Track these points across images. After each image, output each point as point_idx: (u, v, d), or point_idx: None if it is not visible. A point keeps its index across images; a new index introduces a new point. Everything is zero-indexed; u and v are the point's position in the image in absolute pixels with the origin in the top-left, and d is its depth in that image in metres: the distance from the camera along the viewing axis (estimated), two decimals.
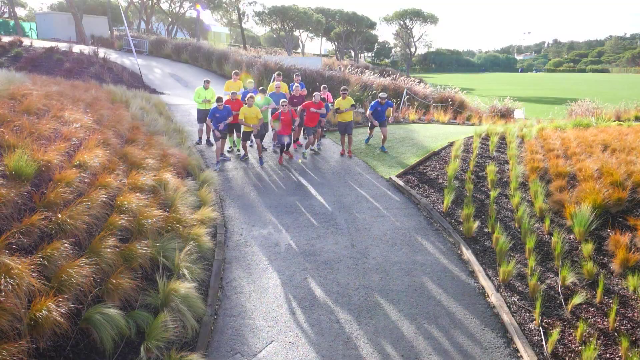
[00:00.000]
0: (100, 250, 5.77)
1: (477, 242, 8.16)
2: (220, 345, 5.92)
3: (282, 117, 11.47)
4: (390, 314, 6.43)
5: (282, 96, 12.89)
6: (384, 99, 12.36)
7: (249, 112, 11.51)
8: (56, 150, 7.09)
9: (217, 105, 11.30)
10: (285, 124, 11.53)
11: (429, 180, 10.57)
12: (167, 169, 8.82)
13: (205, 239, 7.40)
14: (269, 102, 12.54)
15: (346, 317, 6.38)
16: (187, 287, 6.16)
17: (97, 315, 5.04)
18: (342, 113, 12.49)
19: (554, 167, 9.97)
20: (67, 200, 6.25)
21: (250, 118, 11.54)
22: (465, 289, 7.02)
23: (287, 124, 11.53)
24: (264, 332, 6.15)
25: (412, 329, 6.17)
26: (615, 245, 7.36)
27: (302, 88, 13.43)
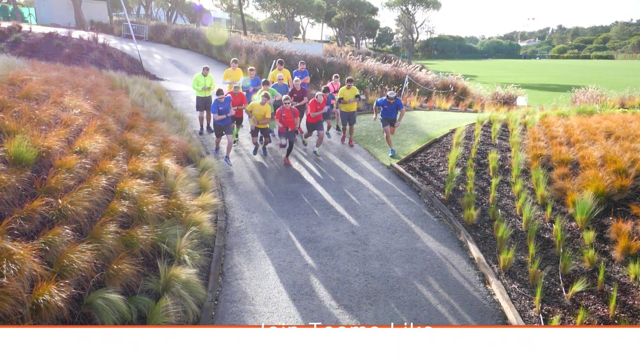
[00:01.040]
0: (101, 236, 5.78)
1: (477, 229, 8.16)
2: None
3: (284, 114, 10.60)
4: (390, 300, 6.45)
5: (285, 89, 12.29)
6: (392, 99, 10.98)
7: (259, 110, 10.77)
8: (56, 136, 7.07)
9: (218, 98, 10.54)
10: (287, 123, 10.71)
11: (430, 167, 10.54)
12: (168, 156, 8.81)
13: (206, 225, 7.41)
14: (274, 93, 11.85)
15: (346, 304, 6.40)
16: (188, 273, 6.18)
17: (98, 300, 5.06)
18: (345, 103, 11.98)
19: (556, 154, 9.93)
20: (67, 186, 6.24)
21: (258, 115, 10.80)
22: (465, 276, 7.03)
23: (290, 120, 10.70)
24: (264, 317, 6.18)
25: (412, 315, 6.19)
26: (617, 233, 7.35)
27: (304, 76, 12.99)
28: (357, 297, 6.52)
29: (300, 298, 6.48)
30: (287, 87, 12.47)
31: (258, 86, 12.46)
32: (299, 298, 6.48)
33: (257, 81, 12.63)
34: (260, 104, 10.75)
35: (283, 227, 8.27)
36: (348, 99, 11.85)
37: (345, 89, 11.92)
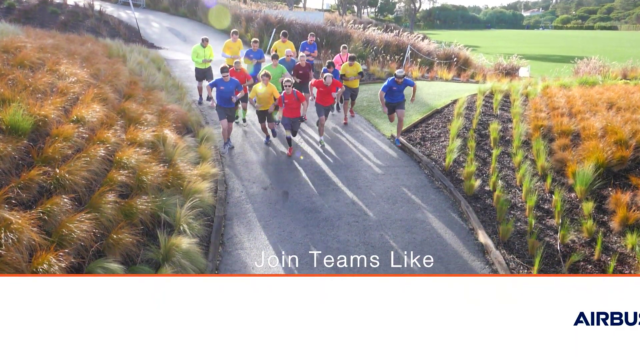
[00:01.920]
0: (100, 205, 5.77)
1: (478, 200, 8.15)
2: None
3: (285, 100, 9.37)
4: (390, 271, 6.48)
5: (293, 65, 11.20)
6: (401, 77, 9.59)
7: (263, 92, 9.57)
8: (52, 104, 6.98)
9: (223, 76, 9.39)
10: (290, 108, 9.48)
11: (431, 138, 10.47)
12: (166, 125, 8.72)
13: (206, 195, 7.39)
14: (283, 71, 10.66)
15: (346, 273, 6.43)
16: (189, 243, 6.20)
17: (98, 269, 5.08)
18: (347, 81, 11.15)
19: (557, 125, 9.85)
20: (65, 155, 6.20)
21: (264, 99, 9.63)
22: (465, 246, 7.06)
23: (293, 106, 9.51)
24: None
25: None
26: (615, 204, 7.35)
27: (313, 50, 12.27)
28: (356, 268, 6.55)
29: (300, 268, 6.51)
30: (294, 62, 11.44)
31: (262, 59, 11.77)
32: (299, 268, 6.51)
33: (261, 53, 11.86)
34: (263, 84, 9.59)
35: (283, 197, 8.26)
36: (350, 76, 11.17)
37: (348, 66, 11.18)
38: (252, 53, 11.68)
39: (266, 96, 9.59)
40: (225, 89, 9.47)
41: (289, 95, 9.35)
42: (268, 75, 9.51)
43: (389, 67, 17.58)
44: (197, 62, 11.90)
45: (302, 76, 11.05)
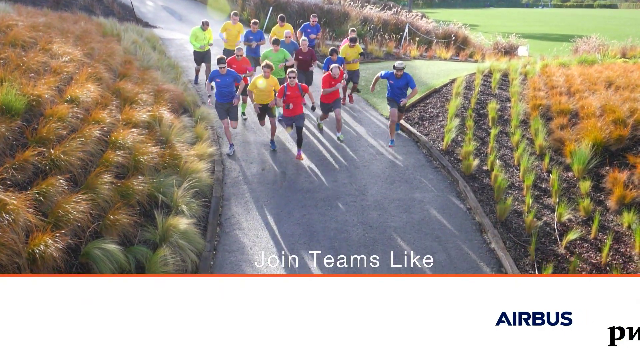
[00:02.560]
0: (96, 186, 5.73)
1: (475, 179, 8.14)
2: None
3: (288, 92, 8.27)
4: (388, 250, 6.50)
5: (293, 47, 10.49)
6: (400, 70, 8.59)
7: (265, 85, 8.47)
8: (46, 84, 6.88)
9: (219, 68, 8.32)
10: (293, 102, 8.37)
11: (429, 117, 10.41)
12: (162, 105, 8.63)
13: (203, 175, 7.36)
14: (286, 56, 9.82)
15: (344, 253, 6.44)
16: (186, 223, 6.19)
17: (96, 250, 5.07)
18: (349, 63, 10.55)
19: (556, 104, 9.79)
20: (60, 135, 6.13)
21: (264, 93, 8.55)
22: (462, 225, 7.07)
23: (296, 101, 8.39)
24: (262, 267, 6.24)
25: (409, 264, 6.26)
26: (612, 183, 7.36)
27: (316, 32, 11.53)
28: (355, 246, 6.57)
29: (299, 248, 6.53)
30: (295, 45, 10.70)
31: (262, 41, 11.12)
32: (297, 248, 6.53)
33: (260, 35, 11.18)
34: (264, 77, 8.48)
35: (280, 177, 8.23)
36: (352, 58, 10.57)
37: (348, 48, 10.53)
38: (251, 34, 11.17)
39: (267, 89, 8.56)
40: (222, 82, 8.50)
41: (292, 88, 8.28)
42: (270, 67, 8.45)
43: (386, 46, 17.39)
44: (195, 46, 11.42)
45: (303, 63, 10.19)
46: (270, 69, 8.46)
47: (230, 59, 9.31)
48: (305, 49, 10.14)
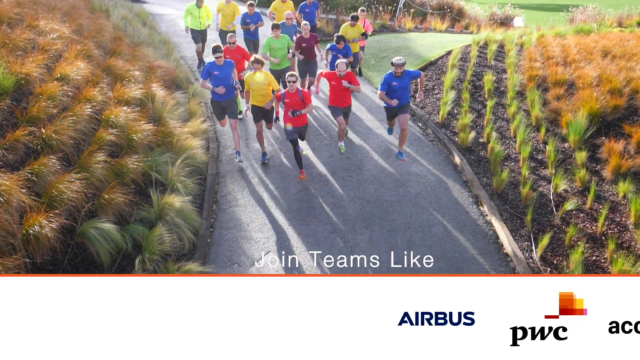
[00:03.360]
0: (90, 165, 5.67)
1: (472, 152, 8.12)
2: (218, 256, 6.03)
3: (286, 100, 6.98)
4: (385, 223, 6.52)
5: (293, 30, 9.56)
6: (400, 67, 7.06)
7: (260, 81, 7.31)
8: (34, 62, 6.73)
9: (215, 58, 7.20)
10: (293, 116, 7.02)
11: (425, 90, 10.31)
12: (154, 82, 8.49)
13: (198, 152, 7.30)
14: (289, 44, 8.80)
15: (341, 228, 6.46)
16: (182, 201, 6.16)
17: (91, 229, 5.05)
18: (349, 43, 9.56)
19: (552, 75, 9.71)
20: (50, 114, 6.03)
21: (259, 92, 7.40)
22: (458, 198, 7.07)
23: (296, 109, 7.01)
24: (260, 243, 6.24)
25: (406, 237, 6.28)
26: (608, 153, 7.35)
27: (314, 10, 10.59)
28: (352, 221, 6.57)
29: (296, 224, 6.52)
30: (295, 27, 9.83)
31: (260, 22, 10.30)
32: (294, 224, 6.52)
33: (258, 16, 10.31)
34: (257, 79, 7.32)
35: (276, 153, 8.17)
36: (352, 38, 9.71)
37: (349, 27, 9.67)
38: (248, 17, 10.22)
39: (262, 87, 7.41)
40: (220, 75, 7.29)
41: (291, 94, 6.99)
42: (260, 62, 7.30)
43: (381, 19, 17.10)
44: (186, 22, 10.72)
45: (306, 51, 9.10)
46: (261, 64, 7.30)
47: (224, 49, 8.10)
48: (307, 34, 9.07)
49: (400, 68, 7.07)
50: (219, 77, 7.31)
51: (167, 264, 5.32)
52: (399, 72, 7.11)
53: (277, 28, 8.65)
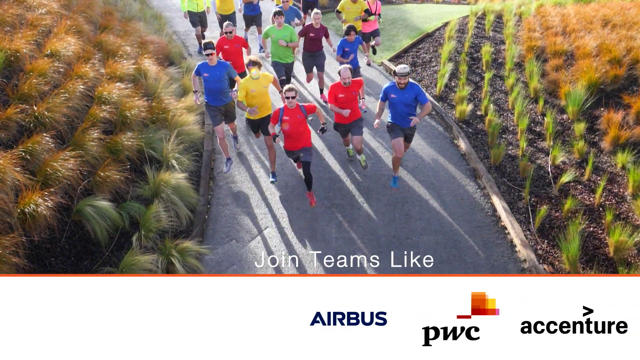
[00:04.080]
0: (84, 143, 5.61)
1: (469, 125, 8.06)
2: (215, 232, 6.03)
3: (286, 117, 5.89)
4: (382, 198, 6.50)
5: (294, 14, 8.62)
6: (404, 77, 5.85)
7: (257, 87, 6.27)
8: (23, 38, 6.58)
9: (207, 57, 6.26)
10: (294, 131, 5.98)
11: (422, 63, 10.17)
12: (147, 57, 8.35)
13: (193, 128, 7.22)
14: (293, 37, 7.74)
15: (339, 202, 6.45)
16: (178, 178, 6.13)
17: (87, 207, 5.02)
18: (346, 22, 8.62)
19: (551, 45, 9.57)
20: (42, 92, 5.93)
21: (256, 99, 6.33)
22: (456, 171, 7.05)
23: (298, 129, 5.99)
24: (257, 219, 6.24)
25: (403, 211, 6.28)
26: (607, 124, 7.30)
27: None
28: (349, 195, 6.56)
29: (293, 199, 6.50)
30: (296, 11, 8.85)
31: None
32: (291, 199, 6.50)
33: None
34: (253, 77, 6.21)
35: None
36: (354, 16, 8.78)
37: (350, 2, 8.66)
38: None
39: (261, 94, 6.35)
40: (211, 77, 6.36)
41: (292, 111, 5.89)
42: (256, 64, 6.21)
43: None
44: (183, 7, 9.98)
45: (313, 43, 8.06)
46: (258, 66, 6.24)
47: (220, 40, 7.52)
48: (318, 24, 7.92)
49: (405, 78, 5.84)
50: (209, 79, 6.38)
51: (165, 241, 5.32)
52: (403, 84, 5.90)
53: (280, 15, 7.64)
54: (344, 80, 6.16)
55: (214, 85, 6.41)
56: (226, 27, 7.49)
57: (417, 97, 5.98)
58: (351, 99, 6.35)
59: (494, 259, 5.62)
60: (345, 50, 7.71)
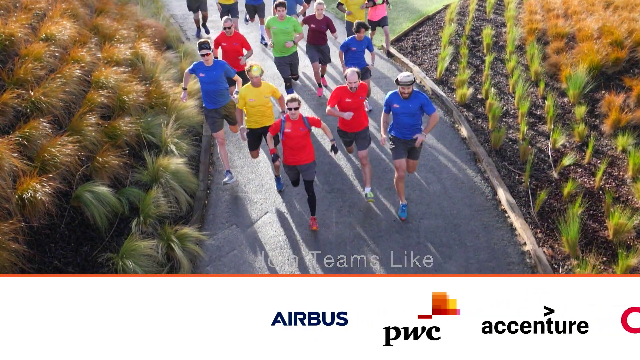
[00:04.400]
0: (82, 128, 5.57)
1: (470, 108, 8.00)
2: (216, 217, 6.02)
3: (287, 130, 5.37)
4: (383, 182, 6.49)
5: (295, 1, 8.36)
6: (408, 86, 5.32)
7: (257, 97, 5.76)
8: (18, 22, 6.49)
9: (203, 57, 5.87)
10: (295, 145, 5.45)
11: (422, 46, 10.08)
12: (144, 41, 8.25)
13: (192, 111, 7.17)
14: (297, 29, 7.36)
15: (339, 187, 6.43)
16: (177, 163, 6.10)
17: (86, 193, 5.00)
18: (351, 14, 8.29)
19: (552, 27, 9.47)
20: (38, 76, 5.87)
21: (256, 109, 5.83)
22: (456, 155, 7.02)
23: (300, 143, 5.46)
24: (258, 204, 6.23)
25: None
26: (608, 107, 7.26)
27: None
28: (348, 180, 6.54)
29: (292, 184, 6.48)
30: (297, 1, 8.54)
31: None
32: (291, 184, 6.47)
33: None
34: (253, 85, 5.73)
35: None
36: (358, 6, 8.28)
37: None
38: None
39: (261, 104, 5.83)
40: (207, 78, 5.95)
41: (294, 123, 5.36)
42: (255, 70, 5.62)
43: None
44: None
45: (316, 35, 7.69)
46: (258, 72, 5.64)
47: (219, 36, 7.11)
48: (321, 15, 7.56)
49: (408, 87, 5.33)
50: (205, 80, 5.98)
51: (165, 227, 5.31)
52: (407, 94, 5.42)
53: (282, 7, 7.14)
54: (350, 84, 5.61)
55: (210, 87, 6.03)
56: (225, 22, 6.98)
57: (423, 107, 5.51)
58: (358, 106, 5.78)
59: (493, 243, 5.62)
60: (352, 50, 7.06)
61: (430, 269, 5.25)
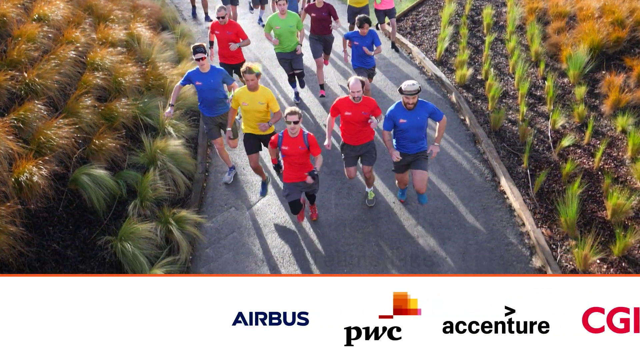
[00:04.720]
0: (78, 110, 5.51)
1: (469, 89, 7.94)
2: (214, 200, 6.00)
3: (284, 147, 4.94)
4: (381, 164, 6.46)
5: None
6: (413, 96, 4.85)
7: (250, 101, 5.33)
8: (10, 2, 6.38)
9: (198, 62, 5.50)
10: (295, 161, 5.04)
11: (422, 27, 9.95)
12: (140, 22, 8.13)
13: (189, 94, 7.08)
14: (299, 25, 6.98)
15: (338, 169, 6.41)
16: (175, 145, 6.05)
17: (83, 176, 4.97)
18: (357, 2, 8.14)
19: (553, 7, 9.35)
20: (32, 58, 5.78)
21: (251, 114, 5.42)
22: (456, 137, 6.98)
23: (299, 160, 5.04)
24: (257, 187, 6.20)
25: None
26: (608, 87, 7.21)
27: None
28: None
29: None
30: None
31: None
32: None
33: None
34: (249, 88, 5.30)
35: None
36: None
37: None
38: None
39: (259, 108, 5.38)
40: (205, 85, 5.59)
41: (293, 140, 4.90)
42: (252, 73, 5.18)
43: None
44: None
45: (317, 25, 7.34)
46: (257, 76, 5.26)
47: (213, 24, 6.87)
48: (321, 2, 7.17)
49: (414, 97, 4.84)
50: (202, 88, 5.62)
51: (163, 209, 5.29)
52: (412, 104, 4.92)
53: (283, 1, 6.77)
54: (353, 94, 5.05)
55: (209, 95, 5.64)
56: (218, 11, 6.68)
57: (432, 116, 5.02)
58: (360, 120, 5.20)
59: (492, 224, 5.62)
60: (355, 44, 6.64)
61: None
